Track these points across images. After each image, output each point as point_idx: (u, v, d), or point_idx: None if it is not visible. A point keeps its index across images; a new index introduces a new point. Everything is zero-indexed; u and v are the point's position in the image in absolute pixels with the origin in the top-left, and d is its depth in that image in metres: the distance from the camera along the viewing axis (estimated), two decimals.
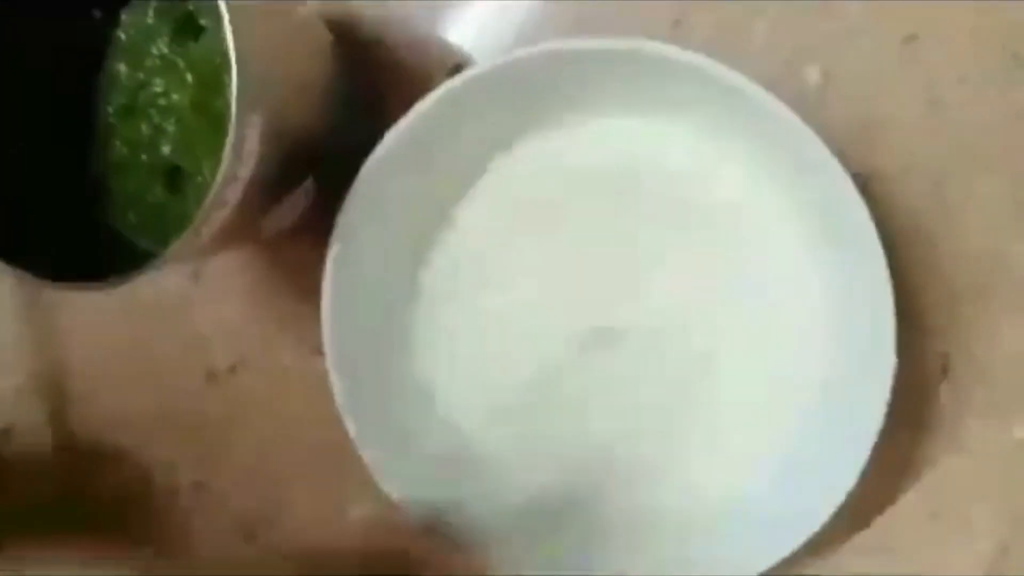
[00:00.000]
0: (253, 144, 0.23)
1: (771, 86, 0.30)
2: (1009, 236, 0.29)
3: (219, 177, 0.22)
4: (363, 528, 0.33)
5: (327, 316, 0.29)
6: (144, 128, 0.27)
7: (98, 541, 0.36)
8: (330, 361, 0.29)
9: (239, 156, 0.22)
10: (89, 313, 0.36)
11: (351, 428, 0.29)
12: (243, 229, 0.26)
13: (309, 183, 0.28)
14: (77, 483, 0.37)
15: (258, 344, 0.35)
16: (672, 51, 0.26)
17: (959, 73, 0.29)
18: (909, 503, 0.30)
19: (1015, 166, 0.29)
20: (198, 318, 0.35)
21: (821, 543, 0.30)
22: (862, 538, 0.30)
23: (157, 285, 0.35)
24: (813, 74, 0.30)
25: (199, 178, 0.26)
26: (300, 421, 0.33)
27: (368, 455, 0.30)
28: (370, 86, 0.32)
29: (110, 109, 0.27)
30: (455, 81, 0.27)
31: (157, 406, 0.36)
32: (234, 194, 0.23)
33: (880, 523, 0.30)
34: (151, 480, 0.36)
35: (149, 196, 0.27)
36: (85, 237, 0.27)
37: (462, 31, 0.32)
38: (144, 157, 0.27)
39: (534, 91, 0.28)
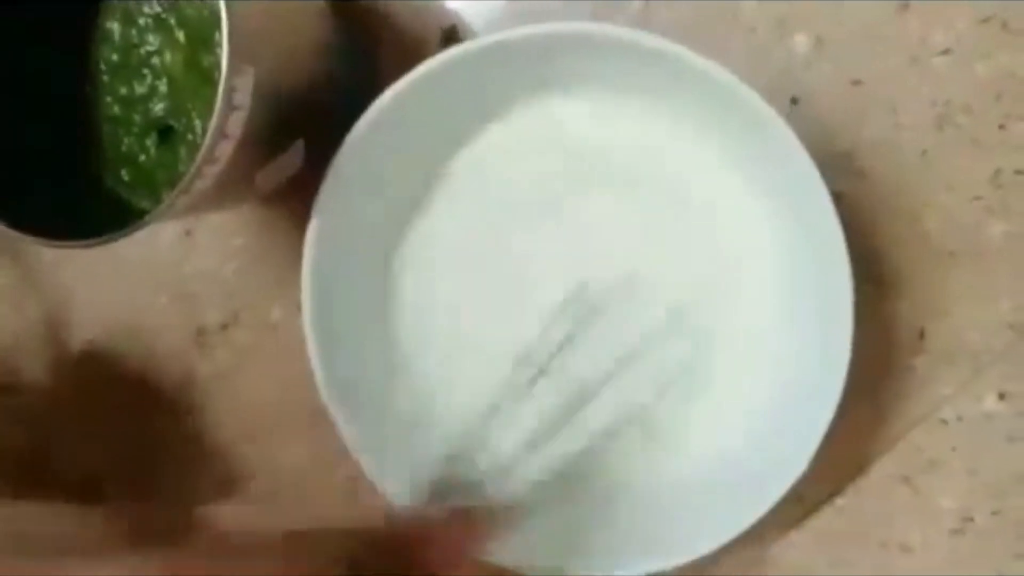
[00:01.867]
0: (244, 99, 0.23)
1: (759, 53, 0.30)
2: (990, 206, 0.29)
3: (210, 131, 0.22)
4: (349, 487, 0.34)
5: (307, 281, 0.29)
6: (137, 87, 0.27)
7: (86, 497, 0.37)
8: (308, 328, 0.30)
9: (229, 111, 0.22)
10: (82, 269, 0.36)
11: (325, 394, 0.30)
12: (235, 187, 0.26)
13: (300, 144, 0.28)
14: (68, 439, 0.37)
15: (250, 302, 0.35)
16: (643, 37, 0.26)
17: (950, 42, 0.29)
18: (880, 468, 0.31)
19: (1000, 136, 0.29)
20: (190, 276, 0.35)
21: (792, 505, 0.31)
22: (834, 501, 0.31)
23: (150, 243, 0.35)
24: (803, 42, 0.30)
25: (191, 136, 0.26)
26: (290, 379, 0.34)
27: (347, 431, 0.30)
28: (363, 47, 0.32)
29: (103, 67, 0.27)
30: (442, 56, 0.27)
31: (149, 362, 0.37)
32: (225, 150, 0.23)
33: (852, 487, 0.31)
34: (142, 435, 0.37)
35: (142, 154, 0.27)
36: (80, 194, 0.27)
37: None
38: (137, 116, 0.27)
39: (515, 69, 0.28)
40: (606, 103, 0.29)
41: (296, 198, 0.30)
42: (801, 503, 0.31)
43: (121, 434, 0.37)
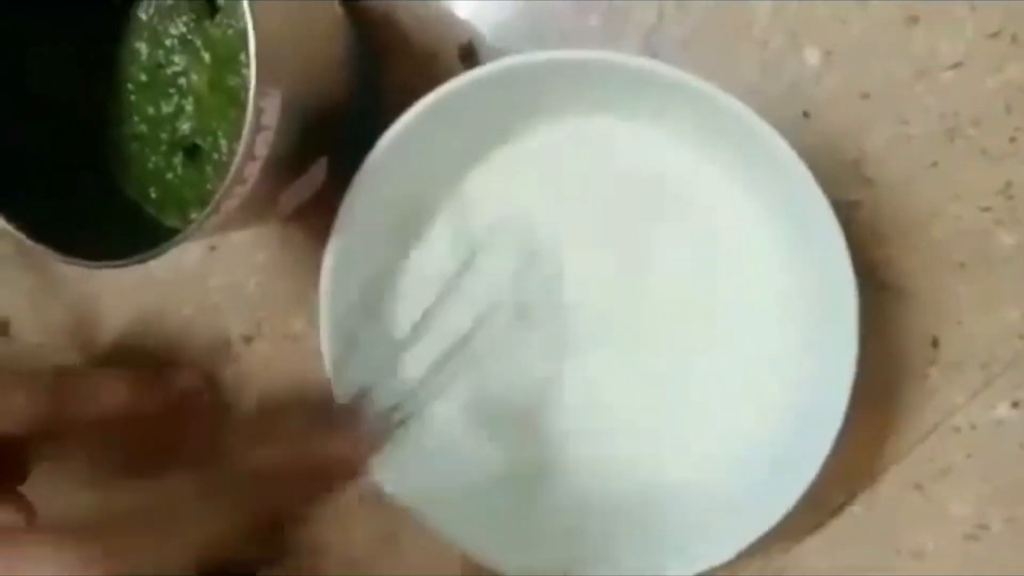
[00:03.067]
0: (271, 120, 0.23)
1: (771, 67, 0.30)
2: (1000, 218, 0.29)
3: (239, 152, 0.22)
4: (369, 498, 0.34)
5: (325, 298, 0.30)
6: (164, 106, 0.28)
7: None
8: (325, 343, 0.30)
9: (257, 131, 0.23)
10: (108, 281, 0.37)
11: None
12: (262, 205, 0.27)
13: (324, 161, 0.29)
14: None
15: (272, 315, 0.36)
16: (648, 63, 0.27)
17: (959, 55, 0.29)
18: (894, 476, 0.31)
19: (1010, 149, 0.29)
20: (214, 289, 0.36)
21: (807, 512, 0.31)
22: (848, 508, 0.31)
23: (175, 257, 0.35)
24: (813, 56, 0.30)
25: (216, 155, 0.26)
26: (312, 389, 0.34)
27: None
28: (378, 61, 0.33)
29: (131, 87, 0.28)
30: (466, 76, 0.28)
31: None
32: (253, 171, 0.24)
33: (866, 495, 0.31)
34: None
35: (169, 173, 0.28)
36: (109, 212, 0.28)
37: (472, 6, 0.32)
38: (164, 135, 0.28)
39: (536, 92, 0.29)
40: (619, 127, 0.30)
41: (317, 214, 0.30)
42: (815, 510, 0.31)
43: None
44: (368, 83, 0.32)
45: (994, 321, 0.30)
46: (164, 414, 0.33)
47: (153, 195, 0.28)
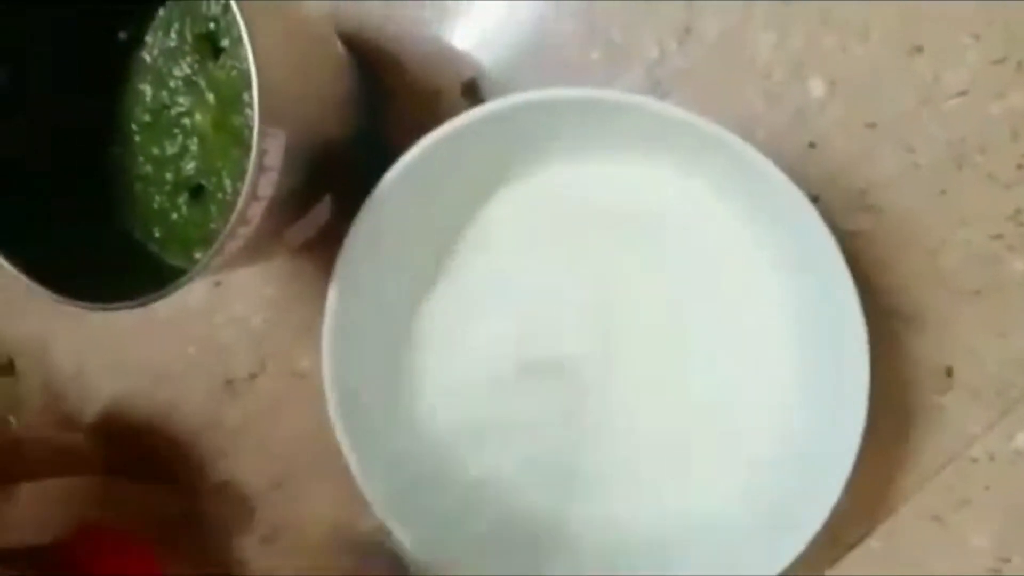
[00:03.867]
0: (275, 161, 0.23)
1: (775, 98, 0.30)
2: (1011, 244, 0.29)
3: (243, 193, 0.22)
4: (375, 536, 0.34)
5: (328, 337, 0.30)
6: (168, 146, 0.28)
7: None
8: (327, 380, 0.30)
9: (261, 172, 0.23)
10: (112, 317, 0.37)
11: (345, 447, 0.30)
12: (266, 244, 0.27)
13: (328, 199, 0.29)
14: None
15: (277, 351, 0.35)
16: (644, 101, 0.27)
17: (963, 83, 0.29)
18: (912, 508, 0.30)
19: (1018, 175, 0.29)
20: (219, 326, 0.36)
21: (826, 547, 0.30)
22: (867, 542, 0.31)
23: (180, 294, 0.35)
24: (817, 86, 0.30)
25: (221, 195, 0.26)
26: (318, 429, 0.34)
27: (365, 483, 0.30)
28: (382, 98, 0.33)
29: (135, 128, 0.28)
30: (469, 114, 0.28)
31: (177, 412, 0.37)
32: (256, 211, 0.23)
33: (885, 528, 0.31)
34: (171, 484, 0.37)
35: (174, 212, 0.28)
36: (113, 252, 0.28)
37: (471, 40, 0.33)
38: (168, 175, 0.28)
39: (541, 129, 0.29)
40: (623, 164, 0.30)
41: (322, 249, 0.30)
42: (834, 544, 0.31)
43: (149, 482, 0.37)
44: (373, 120, 0.32)
45: (1009, 348, 0.29)
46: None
47: (157, 235, 0.28)
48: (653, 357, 0.31)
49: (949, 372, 0.30)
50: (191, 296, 0.36)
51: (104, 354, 0.37)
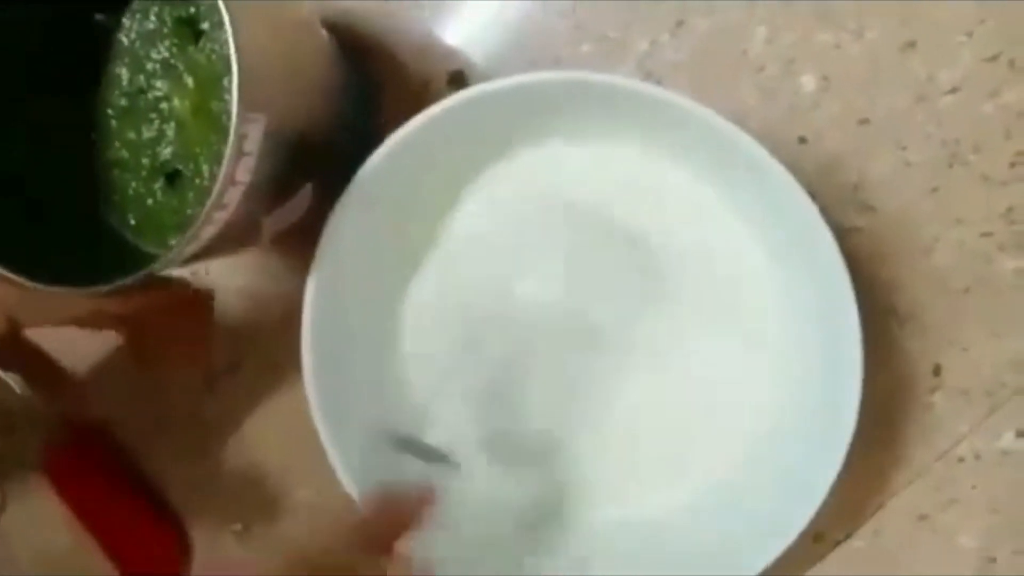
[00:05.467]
0: (253, 146, 0.23)
1: (767, 93, 0.30)
2: (1002, 243, 0.29)
3: (220, 177, 0.22)
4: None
5: (308, 325, 0.29)
6: (145, 131, 0.27)
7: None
8: (307, 374, 0.29)
9: (239, 157, 0.22)
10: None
11: (326, 441, 0.30)
12: (244, 232, 0.26)
13: (308, 188, 0.28)
14: None
15: (257, 345, 0.35)
16: (633, 84, 0.27)
17: (956, 80, 0.29)
18: (899, 506, 0.30)
19: (1011, 174, 0.29)
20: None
21: (811, 544, 0.30)
22: (852, 540, 0.31)
23: None
24: (810, 82, 0.30)
25: (198, 181, 0.26)
26: (298, 421, 0.33)
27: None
28: (370, 90, 0.33)
29: (111, 112, 0.27)
30: (449, 100, 0.27)
31: (155, 404, 0.36)
32: (234, 196, 0.23)
33: (871, 527, 0.30)
34: (149, 476, 0.37)
35: (149, 199, 0.27)
36: (87, 239, 0.27)
37: (462, 34, 0.32)
38: (145, 160, 0.27)
39: (520, 115, 0.28)
40: (609, 150, 0.29)
41: (302, 240, 0.30)
42: (820, 542, 0.30)
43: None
44: (361, 112, 0.31)
45: (999, 347, 0.29)
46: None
47: (132, 221, 0.27)
48: (643, 343, 0.30)
49: (937, 371, 0.30)
50: None
51: (83, 346, 0.36)
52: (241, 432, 0.36)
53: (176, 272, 0.33)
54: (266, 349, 0.35)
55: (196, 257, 0.25)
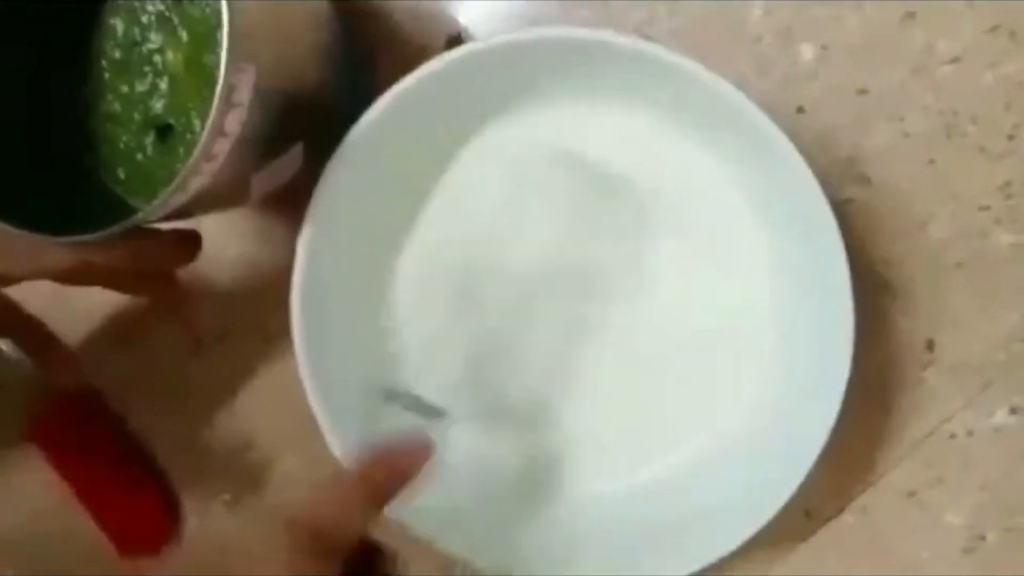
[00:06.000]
0: (243, 97, 0.22)
1: (765, 62, 0.30)
2: (998, 217, 0.29)
3: (207, 127, 0.22)
4: None
5: (297, 290, 0.29)
6: (138, 84, 0.27)
7: None
8: (297, 341, 0.29)
9: (228, 108, 0.22)
10: None
11: (316, 408, 0.29)
12: (232, 188, 0.26)
13: (299, 148, 0.28)
14: None
15: (247, 312, 0.35)
16: (635, 43, 0.26)
17: (957, 51, 0.29)
18: (889, 483, 0.30)
19: (1009, 147, 0.29)
20: (188, 287, 0.34)
21: (799, 520, 0.30)
22: (841, 517, 0.30)
23: None
24: (808, 51, 0.30)
25: (189, 136, 0.26)
26: (288, 390, 0.33)
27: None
28: (367, 54, 0.32)
29: (105, 64, 0.27)
30: (442, 59, 0.27)
31: (144, 373, 0.36)
32: (222, 148, 0.23)
33: (860, 503, 0.30)
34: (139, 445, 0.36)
35: (139, 153, 0.27)
36: (76, 193, 0.27)
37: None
38: (137, 114, 0.27)
39: (516, 75, 0.28)
40: (605, 113, 0.29)
41: (293, 205, 0.29)
42: (808, 518, 0.30)
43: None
44: (357, 75, 0.31)
45: (992, 323, 0.29)
46: None
47: (122, 176, 0.27)
48: (631, 310, 0.30)
49: (930, 346, 0.29)
50: None
51: (70, 314, 0.36)
52: (231, 401, 0.36)
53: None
54: (257, 317, 0.35)
55: (184, 212, 0.25)
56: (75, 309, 0.36)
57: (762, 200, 0.28)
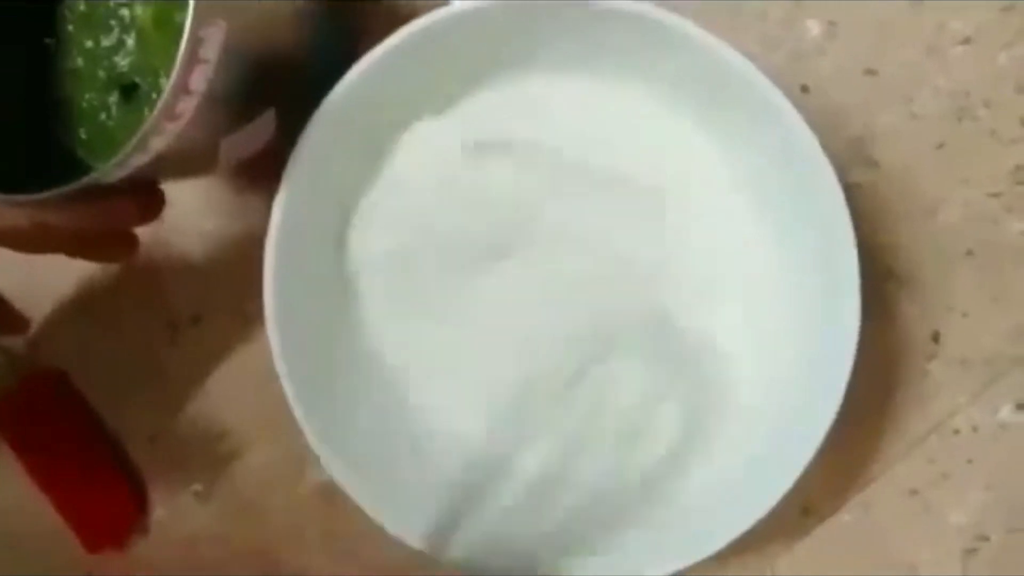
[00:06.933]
0: (211, 53, 0.21)
1: (770, 38, 0.29)
2: (1009, 204, 0.28)
3: (171, 82, 0.20)
4: (320, 490, 0.32)
5: (270, 266, 0.28)
6: (103, 39, 0.25)
7: None
8: (270, 318, 0.28)
9: (194, 64, 0.21)
10: (49, 259, 0.34)
11: (289, 393, 0.29)
12: (199, 153, 0.25)
13: (271, 114, 0.26)
14: None
15: (222, 293, 0.33)
16: (640, 7, 0.25)
17: (969, 31, 0.28)
18: (890, 480, 0.29)
19: (1021, 131, 0.28)
20: (160, 267, 0.33)
21: (797, 518, 0.29)
22: (840, 515, 0.29)
23: None
24: (815, 28, 0.28)
25: (155, 95, 0.24)
26: (265, 375, 0.32)
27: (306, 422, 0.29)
28: (348, 22, 0.31)
29: (69, 16, 0.26)
30: (423, 21, 0.26)
31: (117, 356, 0.35)
32: (187, 107, 0.21)
33: (860, 501, 0.29)
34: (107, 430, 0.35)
35: (103, 112, 0.25)
36: (33, 153, 0.25)
37: None
38: (101, 71, 0.25)
39: (499, 41, 0.27)
40: (599, 83, 0.28)
41: (267, 177, 0.28)
42: (806, 516, 0.29)
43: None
44: (335, 43, 0.30)
45: (1000, 314, 0.28)
46: None
47: (84, 136, 0.25)
48: (629, 294, 0.29)
49: (936, 337, 0.28)
50: None
51: (37, 296, 0.34)
52: (205, 386, 0.35)
53: None
54: (233, 298, 0.33)
55: (146, 174, 0.24)
56: (40, 287, 0.34)
57: (766, 186, 0.27)
